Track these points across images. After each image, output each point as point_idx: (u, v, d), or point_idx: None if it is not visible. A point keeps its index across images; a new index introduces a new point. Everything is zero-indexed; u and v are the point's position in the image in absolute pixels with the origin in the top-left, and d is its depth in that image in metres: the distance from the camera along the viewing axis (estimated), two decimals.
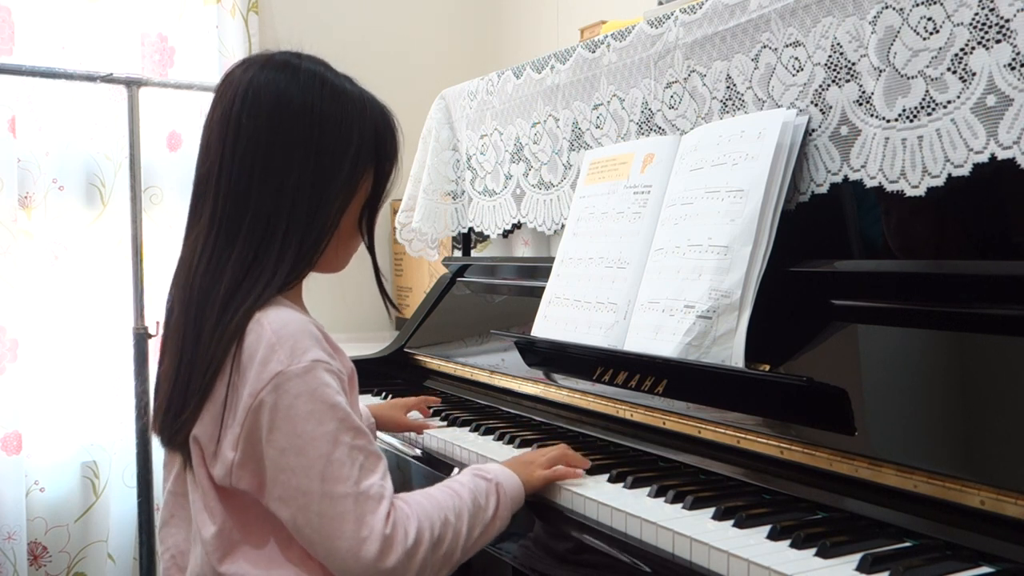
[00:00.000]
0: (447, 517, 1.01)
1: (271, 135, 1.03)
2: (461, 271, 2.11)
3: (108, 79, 2.17)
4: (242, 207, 1.03)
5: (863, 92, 1.15)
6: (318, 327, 1.02)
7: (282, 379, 0.96)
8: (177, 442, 1.03)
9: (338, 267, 1.13)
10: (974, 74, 1.01)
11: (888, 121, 1.12)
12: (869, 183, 1.14)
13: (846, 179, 1.18)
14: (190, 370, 1.00)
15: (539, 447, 1.28)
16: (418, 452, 1.47)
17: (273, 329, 0.98)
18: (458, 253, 2.20)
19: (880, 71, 1.12)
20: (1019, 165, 0.97)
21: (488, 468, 1.11)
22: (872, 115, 1.14)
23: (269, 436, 0.96)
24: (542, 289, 1.59)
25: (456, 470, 1.25)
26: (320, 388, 0.97)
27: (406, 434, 1.54)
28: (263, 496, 0.99)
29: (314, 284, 1.12)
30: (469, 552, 1.04)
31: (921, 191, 1.08)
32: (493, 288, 1.96)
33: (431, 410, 1.59)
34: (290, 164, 1.03)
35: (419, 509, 0.99)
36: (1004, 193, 1.07)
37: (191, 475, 1.03)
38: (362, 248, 1.15)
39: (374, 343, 2.13)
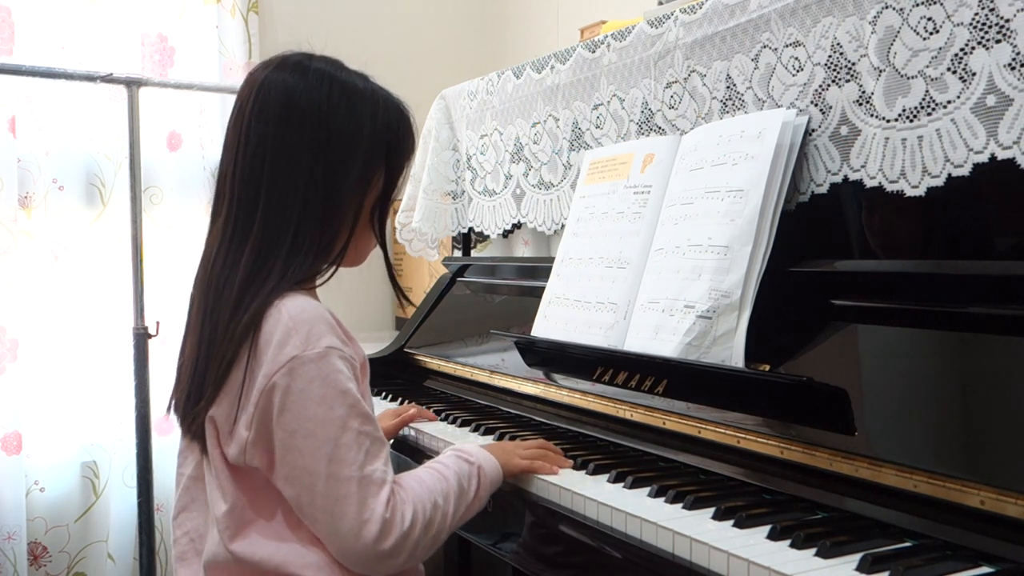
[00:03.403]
0: (437, 501, 1.05)
1: (279, 134, 1.06)
2: (461, 271, 2.11)
3: (108, 79, 2.17)
4: (253, 205, 1.06)
5: (863, 92, 1.15)
6: (332, 315, 1.06)
7: (296, 363, 0.99)
8: (195, 428, 1.08)
9: (357, 261, 1.16)
10: (974, 74, 1.01)
11: (888, 121, 1.12)
12: (869, 183, 1.14)
13: (846, 179, 1.18)
14: (207, 362, 1.05)
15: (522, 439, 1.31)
16: (418, 452, 1.47)
17: (290, 315, 1.02)
18: (458, 253, 2.20)
19: (880, 71, 1.12)
20: (1019, 165, 0.97)
21: (470, 451, 1.15)
22: (872, 115, 1.14)
23: (280, 417, 0.99)
24: (542, 289, 1.59)
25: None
26: (332, 374, 1.00)
27: (405, 434, 1.54)
28: (272, 474, 1.02)
29: None
30: (452, 531, 1.08)
31: (921, 191, 1.08)
32: (493, 288, 1.96)
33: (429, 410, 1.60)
34: (300, 162, 1.06)
35: (413, 494, 1.03)
36: (1004, 193, 1.07)
37: (206, 457, 1.08)
38: None
39: (374, 343, 2.13)
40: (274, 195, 1.05)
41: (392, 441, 1.52)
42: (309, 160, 1.06)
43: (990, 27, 0.99)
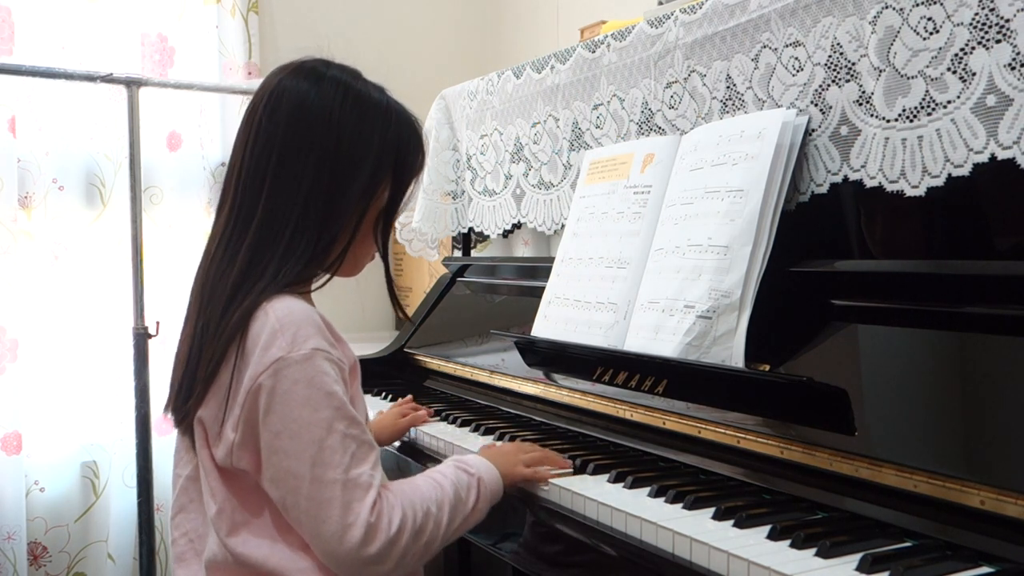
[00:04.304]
0: (429, 508, 1.04)
1: (287, 138, 1.07)
2: (461, 271, 2.11)
3: (108, 79, 2.17)
4: (254, 205, 1.07)
5: (863, 92, 1.15)
6: (322, 317, 1.05)
7: (282, 365, 0.99)
8: (185, 425, 1.08)
9: (354, 271, 1.16)
10: (974, 74, 1.01)
11: (888, 121, 1.12)
12: (869, 183, 1.14)
13: (846, 179, 1.18)
14: (198, 358, 1.05)
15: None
16: (417, 453, 1.47)
17: (277, 316, 1.02)
18: (458, 253, 2.20)
19: (880, 71, 1.12)
20: (1019, 165, 0.97)
21: (471, 461, 1.14)
22: (872, 115, 1.14)
23: (265, 419, 0.99)
24: (542, 289, 1.59)
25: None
26: (318, 376, 1.00)
27: (405, 435, 1.53)
28: (259, 477, 1.02)
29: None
30: (447, 541, 1.07)
31: (921, 191, 1.08)
32: (493, 288, 1.96)
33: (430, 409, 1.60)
34: (305, 167, 1.06)
35: (404, 499, 1.02)
36: (1004, 193, 1.07)
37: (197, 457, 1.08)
38: None
39: (374, 343, 2.13)
40: (276, 194, 1.06)
41: (398, 444, 1.52)
42: (314, 164, 1.06)
43: (990, 27, 0.99)
